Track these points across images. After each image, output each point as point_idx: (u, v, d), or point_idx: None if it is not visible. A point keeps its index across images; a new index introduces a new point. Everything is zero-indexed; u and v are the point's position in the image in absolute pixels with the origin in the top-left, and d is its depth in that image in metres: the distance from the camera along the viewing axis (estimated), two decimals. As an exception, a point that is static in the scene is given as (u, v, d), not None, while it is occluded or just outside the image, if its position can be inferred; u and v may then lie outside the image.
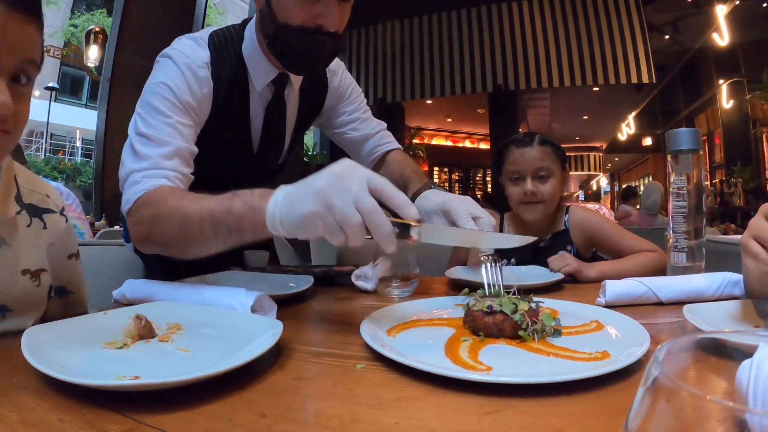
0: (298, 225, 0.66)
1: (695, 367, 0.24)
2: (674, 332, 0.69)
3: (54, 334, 0.56)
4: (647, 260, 1.27)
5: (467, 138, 17.43)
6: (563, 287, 1.14)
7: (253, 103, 1.16)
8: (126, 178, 0.94)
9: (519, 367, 0.55)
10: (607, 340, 0.63)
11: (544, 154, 1.44)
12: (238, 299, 0.74)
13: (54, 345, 0.53)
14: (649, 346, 0.56)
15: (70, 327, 0.61)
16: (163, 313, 0.70)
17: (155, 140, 0.94)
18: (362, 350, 0.62)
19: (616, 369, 0.50)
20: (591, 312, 0.77)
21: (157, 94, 0.98)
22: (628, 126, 13.97)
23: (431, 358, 0.56)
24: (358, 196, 0.63)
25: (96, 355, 0.54)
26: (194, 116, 1.02)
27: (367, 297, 1.06)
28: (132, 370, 0.49)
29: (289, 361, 0.58)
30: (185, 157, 0.97)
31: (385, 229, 0.63)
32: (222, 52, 1.09)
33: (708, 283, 0.92)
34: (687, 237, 1.02)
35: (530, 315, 0.64)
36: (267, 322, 0.65)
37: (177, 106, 0.98)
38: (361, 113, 1.38)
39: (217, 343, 0.60)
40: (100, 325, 0.63)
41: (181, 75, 1.00)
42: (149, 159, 0.92)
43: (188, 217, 0.81)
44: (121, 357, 0.55)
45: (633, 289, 0.91)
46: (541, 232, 1.48)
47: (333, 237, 0.65)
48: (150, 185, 0.89)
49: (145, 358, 0.55)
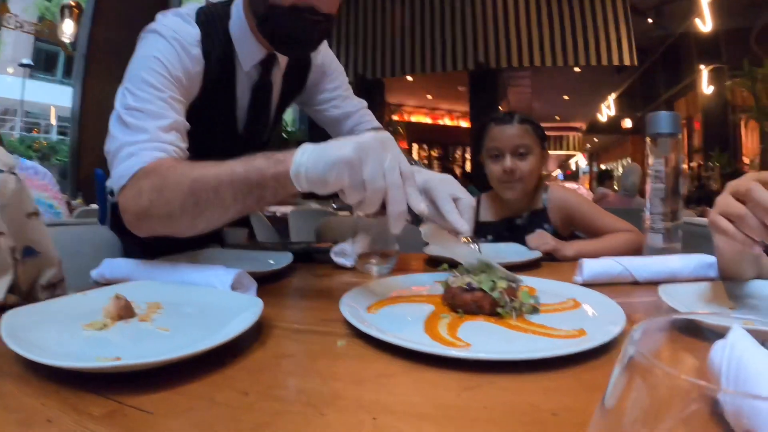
0: (325, 171, 0.66)
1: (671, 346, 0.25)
2: (649, 311, 0.71)
3: (33, 317, 0.55)
4: (624, 240, 1.29)
5: (447, 115, 17.41)
6: (541, 265, 1.16)
7: (240, 83, 1.13)
8: (117, 152, 0.87)
9: (497, 344, 0.56)
10: (583, 318, 0.64)
11: (523, 132, 1.45)
12: (218, 277, 0.74)
13: (33, 328, 0.52)
14: (625, 324, 0.58)
15: (49, 309, 0.59)
16: (143, 292, 0.69)
17: (150, 113, 0.89)
18: (342, 327, 0.63)
19: (593, 347, 0.51)
20: (568, 290, 0.78)
21: (149, 68, 0.93)
22: (608, 107, 14.08)
23: (411, 335, 0.57)
24: (391, 167, 0.66)
25: (76, 337, 0.53)
26: (185, 93, 0.98)
27: (347, 273, 1.07)
28: (113, 351, 0.48)
29: (270, 338, 0.59)
30: (182, 132, 0.93)
31: (401, 207, 0.66)
32: (210, 30, 1.05)
33: (683, 264, 0.94)
34: (664, 219, 1.04)
35: (509, 293, 0.64)
36: (247, 299, 0.65)
37: (170, 81, 0.94)
38: (342, 91, 1.37)
39: (198, 322, 0.59)
40: (80, 307, 0.62)
41: (173, 50, 0.96)
42: (146, 131, 0.87)
43: (201, 180, 0.76)
44: (101, 338, 0.54)
45: (610, 268, 0.93)
46: (520, 209, 1.49)
47: (353, 192, 0.66)
48: (148, 158, 0.84)
49: (126, 339, 0.54)
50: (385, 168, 0.66)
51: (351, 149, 0.65)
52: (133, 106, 0.89)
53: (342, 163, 0.65)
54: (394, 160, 0.67)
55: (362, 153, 0.65)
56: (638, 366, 0.21)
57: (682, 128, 3.02)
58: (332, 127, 1.39)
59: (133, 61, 0.96)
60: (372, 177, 0.65)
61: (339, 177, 0.65)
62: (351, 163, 0.65)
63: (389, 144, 0.68)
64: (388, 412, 0.41)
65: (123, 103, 0.90)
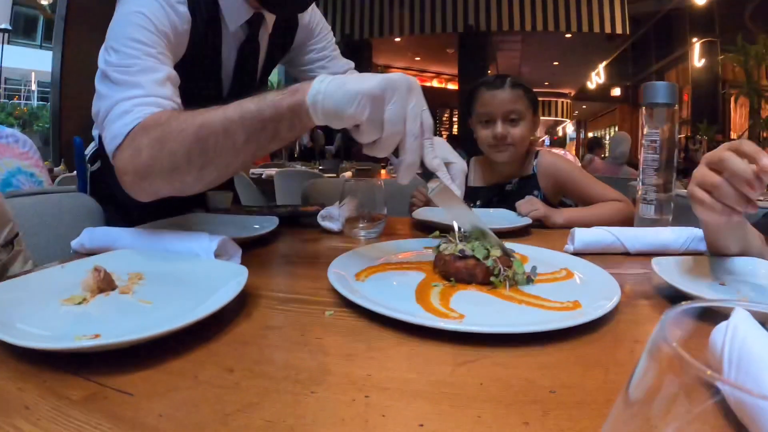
0: (345, 102, 0.62)
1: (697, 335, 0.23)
2: (641, 284, 0.70)
3: (8, 294, 0.52)
4: (615, 209, 1.28)
5: (435, 77, 17.21)
6: (530, 232, 1.15)
7: (226, 44, 1.07)
8: (110, 110, 0.78)
9: (491, 316, 0.54)
10: (577, 289, 0.63)
11: (515, 97, 1.41)
12: (201, 244, 0.70)
13: (9, 306, 0.49)
14: (619, 297, 0.57)
15: (26, 284, 0.56)
16: (124, 262, 0.66)
17: (141, 68, 0.81)
18: (330, 295, 0.61)
19: (588, 320, 0.50)
20: (560, 259, 0.77)
21: (135, 24, 0.84)
22: (597, 75, 13.97)
23: (402, 305, 0.55)
24: (414, 114, 0.63)
25: (54, 313, 0.50)
26: (173, 51, 0.90)
27: (334, 238, 1.04)
28: (92, 327, 0.45)
29: (256, 309, 0.56)
30: (176, 86, 0.85)
31: (414, 156, 0.64)
32: None
33: (675, 236, 0.93)
34: (656, 190, 1.03)
35: (502, 261, 0.63)
36: (231, 267, 0.62)
37: (158, 37, 0.86)
38: (330, 51, 1.32)
39: (181, 293, 0.57)
40: (58, 280, 0.58)
41: (158, 6, 0.88)
42: (140, 86, 0.78)
43: (207, 124, 0.70)
44: (80, 314, 0.51)
45: (601, 238, 0.92)
46: (510, 175, 1.47)
47: (369, 129, 0.63)
48: (145, 113, 0.76)
49: (106, 314, 0.51)
50: (407, 112, 0.63)
51: (377, 83, 0.61)
52: (120, 63, 0.81)
53: (365, 96, 0.61)
54: (418, 107, 0.64)
55: (388, 90, 0.62)
56: (667, 356, 0.19)
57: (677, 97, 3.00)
58: None
59: (116, 19, 0.88)
60: (393, 118, 0.62)
61: (359, 110, 0.62)
62: (374, 97, 0.61)
63: (415, 89, 0.65)
64: (381, 389, 0.39)
65: (108, 61, 0.82)
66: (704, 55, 10.01)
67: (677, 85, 1.10)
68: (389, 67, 15.21)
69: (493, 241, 0.67)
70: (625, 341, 0.50)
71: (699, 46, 10.10)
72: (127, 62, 0.80)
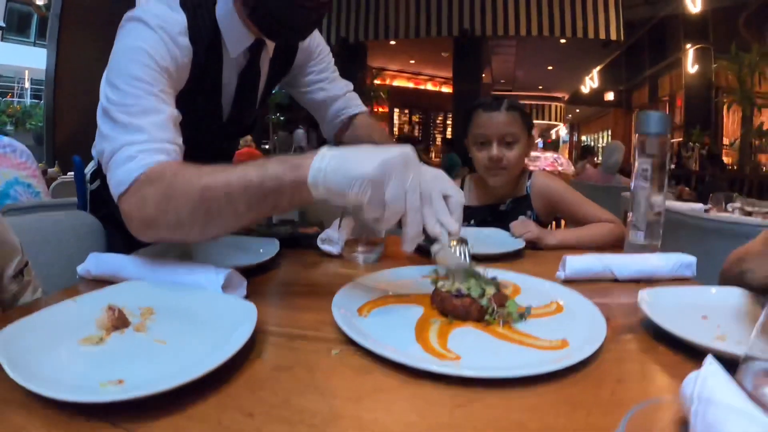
0: (346, 184, 0.66)
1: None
2: (627, 316, 0.74)
3: (26, 334, 0.55)
4: (606, 230, 1.32)
5: (429, 80, 17.31)
6: (524, 254, 1.18)
7: (226, 70, 1.09)
8: (114, 153, 0.81)
9: (486, 356, 0.58)
10: (566, 325, 0.67)
11: (511, 120, 1.45)
12: (208, 278, 0.74)
13: (29, 350, 0.52)
14: (605, 336, 0.61)
15: (43, 322, 0.59)
16: (134, 295, 0.69)
17: (143, 109, 0.83)
18: (335, 332, 0.64)
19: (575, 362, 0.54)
20: (552, 290, 0.81)
21: (135, 60, 0.86)
22: (591, 79, 14.12)
23: (403, 344, 0.59)
24: (413, 188, 0.67)
25: (75, 355, 0.54)
26: (174, 85, 0.93)
27: (334, 262, 1.08)
28: (114, 371, 0.49)
29: (266, 346, 0.60)
30: (177, 126, 0.88)
31: (417, 229, 0.68)
32: (196, 16, 0.99)
33: (662, 263, 0.98)
34: (646, 217, 1.07)
35: (496, 300, 0.67)
36: (240, 305, 0.65)
37: (159, 74, 0.88)
38: (329, 73, 1.34)
39: (194, 332, 0.60)
40: (73, 317, 0.61)
41: (159, 40, 0.90)
42: (143, 130, 0.81)
43: (211, 187, 0.73)
44: (100, 355, 0.54)
45: (591, 265, 0.96)
46: (504, 195, 1.52)
47: (372, 210, 0.67)
48: (151, 161, 0.78)
49: (125, 355, 0.54)
50: (407, 188, 0.66)
51: (375, 167, 0.65)
52: (122, 102, 0.84)
53: (365, 180, 0.65)
54: (416, 180, 0.68)
55: (386, 172, 0.65)
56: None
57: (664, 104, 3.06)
58: (318, 111, 1.37)
59: (117, 53, 0.89)
60: (393, 198, 0.66)
61: (360, 194, 0.65)
62: (374, 182, 0.65)
63: (412, 162, 0.68)
64: (387, 433, 0.43)
65: (110, 99, 0.85)
66: (697, 62, 10.15)
67: (670, 116, 1.15)
68: (384, 70, 15.27)
69: (489, 281, 0.71)
70: (607, 381, 0.54)
71: (692, 52, 10.24)
72: (128, 102, 0.83)
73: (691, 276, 0.99)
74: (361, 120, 1.37)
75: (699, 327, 0.68)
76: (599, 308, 0.71)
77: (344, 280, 0.82)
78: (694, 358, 0.58)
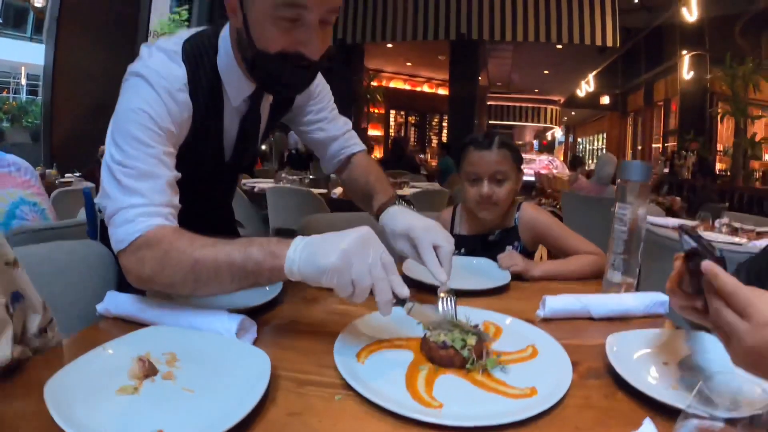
0: (316, 274, 0.78)
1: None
2: (596, 359, 0.83)
3: (70, 384, 0.64)
4: (588, 262, 1.41)
5: (426, 83, 17.41)
6: (510, 286, 1.28)
7: (227, 116, 1.15)
8: (114, 214, 0.91)
9: (464, 405, 0.68)
10: (537, 371, 0.78)
11: (502, 158, 1.54)
12: (222, 324, 0.84)
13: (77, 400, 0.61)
14: (570, 382, 0.71)
15: (81, 371, 0.68)
16: (157, 341, 0.79)
17: (142, 173, 0.92)
18: (337, 376, 0.74)
19: (541, 411, 0.65)
20: (529, 333, 0.92)
21: (137, 122, 0.94)
22: (587, 83, 14.25)
23: (395, 391, 0.70)
24: (374, 264, 0.77)
25: (115, 405, 0.63)
26: (175, 141, 1.01)
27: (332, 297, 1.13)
28: (153, 421, 0.58)
29: (278, 392, 0.70)
30: (174, 188, 0.97)
31: (387, 296, 0.78)
32: (197, 67, 1.05)
33: (637, 303, 1.08)
34: (623, 258, 1.17)
35: (476, 350, 0.77)
36: (254, 354, 0.75)
37: (159, 135, 0.96)
38: (328, 112, 1.39)
39: (217, 381, 0.70)
40: (106, 365, 0.71)
41: (160, 100, 0.96)
42: (141, 195, 0.91)
43: (201, 261, 0.84)
44: (136, 405, 0.64)
45: (569, 305, 1.05)
46: (493, 226, 1.61)
47: (343, 290, 0.78)
48: (147, 225, 0.89)
49: (159, 405, 0.64)
50: (369, 265, 0.77)
51: (337, 257, 0.76)
52: (124, 163, 0.92)
53: (331, 269, 0.76)
54: (376, 255, 0.78)
55: (347, 259, 0.76)
56: None
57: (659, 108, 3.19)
58: (318, 149, 1.44)
59: (120, 111, 0.97)
60: (359, 278, 0.77)
61: (329, 280, 0.77)
62: (338, 269, 0.76)
63: (370, 239, 0.80)
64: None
65: (113, 157, 0.93)
66: (693, 68, 10.27)
67: (651, 165, 1.24)
68: (380, 72, 15.37)
69: (469, 330, 0.81)
70: (567, 428, 0.64)
71: (688, 58, 10.35)
72: (130, 163, 0.92)
73: (664, 313, 1.09)
74: (359, 159, 1.43)
75: (659, 374, 0.78)
76: (572, 349, 0.83)
77: (343, 317, 0.94)
78: (647, 405, 0.68)
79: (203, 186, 1.25)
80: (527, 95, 19.59)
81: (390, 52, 13.20)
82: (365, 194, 1.32)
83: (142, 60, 1.01)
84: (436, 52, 12.53)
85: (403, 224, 1.09)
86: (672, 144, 11.82)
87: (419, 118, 18.18)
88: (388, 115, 17.38)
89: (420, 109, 17.86)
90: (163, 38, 1.09)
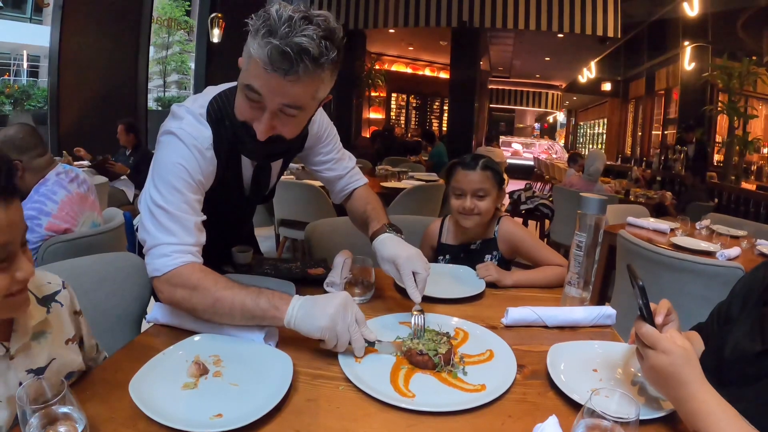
0: (310, 330, 1.04)
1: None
2: (540, 362, 1.07)
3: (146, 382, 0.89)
4: (556, 273, 1.65)
5: (427, 66, 17.40)
6: (485, 294, 1.53)
7: (244, 167, 1.38)
8: (152, 247, 1.14)
9: (431, 396, 0.94)
10: (489, 372, 1.04)
11: (484, 178, 1.79)
12: (253, 332, 1.10)
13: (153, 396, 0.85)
14: (513, 382, 0.98)
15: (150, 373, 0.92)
16: (204, 346, 1.05)
17: (177, 217, 1.14)
18: (340, 372, 1.01)
19: (486, 402, 0.91)
20: (491, 340, 1.17)
21: (175, 174, 1.16)
22: (589, 70, 14.28)
23: (381, 385, 0.96)
24: (351, 323, 1.05)
25: (185, 398, 0.88)
26: (203, 190, 1.22)
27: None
28: (213, 408, 0.84)
29: (299, 383, 0.96)
30: (201, 229, 1.19)
31: (360, 344, 1.06)
32: (219, 128, 1.23)
33: (585, 315, 1.32)
34: (578, 276, 1.39)
35: (445, 357, 1.03)
36: (279, 357, 1.01)
37: (192, 186, 1.17)
38: (335, 154, 1.60)
39: (255, 377, 0.95)
40: (168, 367, 0.96)
41: (192, 157, 1.18)
42: (176, 235, 1.13)
43: (221, 300, 1.08)
44: (198, 397, 0.89)
45: (527, 316, 1.30)
46: (475, 236, 1.87)
47: (330, 342, 1.04)
48: (180, 261, 1.12)
49: (215, 396, 0.89)
50: (348, 324, 1.04)
51: (328, 319, 1.02)
52: (162, 206, 1.14)
53: (322, 328, 1.03)
54: (353, 315, 1.05)
55: (333, 320, 1.03)
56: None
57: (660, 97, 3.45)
58: (327, 185, 1.68)
59: (160, 163, 1.18)
60: (342, 333, 1.04)
61: (321, 335, 1.04)
62: (328, 327, 1.03)
63: (348, 303, 1.06)
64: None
65: (154, 200, 1.15)
66: (695, 59, 10.27)
67: (606, 201, 1.41)
68: (382, 55, 15.41)
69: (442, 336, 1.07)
70: (502, 416, 0.90)
71: (690, 50, 10.36)
72: (168, 207, 1.14)
73: (611, 324, 1.32)
74: (359, 192, 1.66)
75: (585, 379, 1.01)
76: (523, 353, 1.09)
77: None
78: (569, 404, 0.93)
79: (230, 215, 1.53)
80: (529, 80, 19.62)
81: (392, 37, 13.24)
82: (363, 221, 1.56)
83: (177, 121, 1.21)
84: (438, 38, 12.57)
85: (390, 252, 1.33)
86: (672, 131, 11.88)
87: (420, 101, 18.25)
88: (390, 98, 17.47)
89: (421, 93, 17.91)
90: (191, 99, 1.29)
